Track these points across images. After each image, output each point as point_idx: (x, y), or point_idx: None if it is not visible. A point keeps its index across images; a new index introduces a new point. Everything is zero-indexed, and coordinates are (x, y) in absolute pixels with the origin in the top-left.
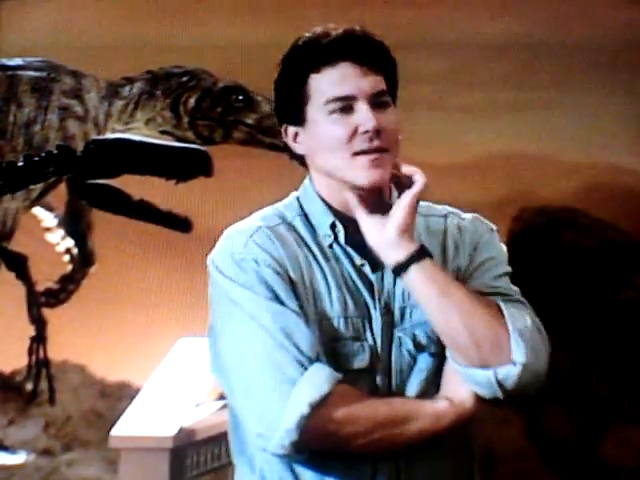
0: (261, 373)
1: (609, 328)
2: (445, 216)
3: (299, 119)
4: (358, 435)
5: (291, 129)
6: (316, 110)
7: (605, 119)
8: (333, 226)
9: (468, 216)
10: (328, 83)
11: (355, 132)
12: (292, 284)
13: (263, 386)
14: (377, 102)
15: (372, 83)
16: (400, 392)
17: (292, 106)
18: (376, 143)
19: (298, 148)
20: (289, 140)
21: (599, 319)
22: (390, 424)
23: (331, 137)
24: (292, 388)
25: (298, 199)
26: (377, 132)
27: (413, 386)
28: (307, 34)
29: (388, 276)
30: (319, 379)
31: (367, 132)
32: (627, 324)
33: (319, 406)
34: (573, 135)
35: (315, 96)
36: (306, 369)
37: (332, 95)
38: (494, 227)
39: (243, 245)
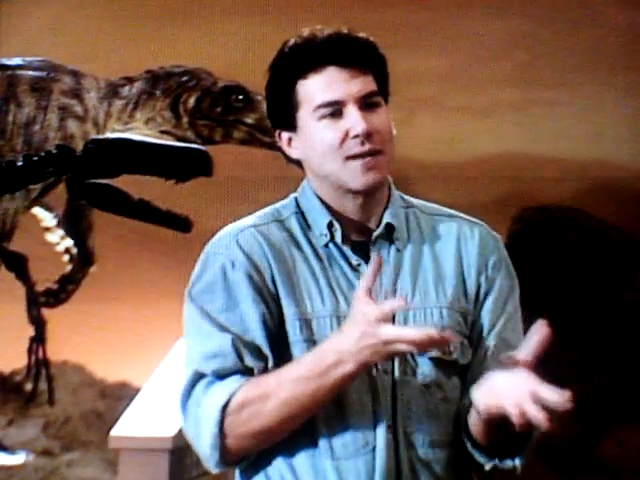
0: (192, 383)
1: (610, 328)
2: (452, 217)
3: (291, 125)
4: (267, 417)
5: (285, 134)
6: (306, 116)
7: (607, 119)
8: (330, 225)
9: (475, 226)
10: (316, 89)
11: (346, 136)
12: (268, 287)
13: (195, 401)
14: (367, 103)
15: (360, 85)
16: (404, 392)
17: (283, 112)
18: (368, 146)
19: (293, 153)
20: (284, 145)
21: (600, 319)
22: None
23: (323, 142)
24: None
25: (296, 199)
26: (368, 135)
27: (416, 389)
28: (293, 39)
29: (387, 277)
30: (223, 389)
31: (358, 136)
32: (628, 325)
33: (227, 409)
34: (574, 135)
35: (304, 102)
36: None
37: (320, 101)
38: (498, 236)
39: (225, 246)
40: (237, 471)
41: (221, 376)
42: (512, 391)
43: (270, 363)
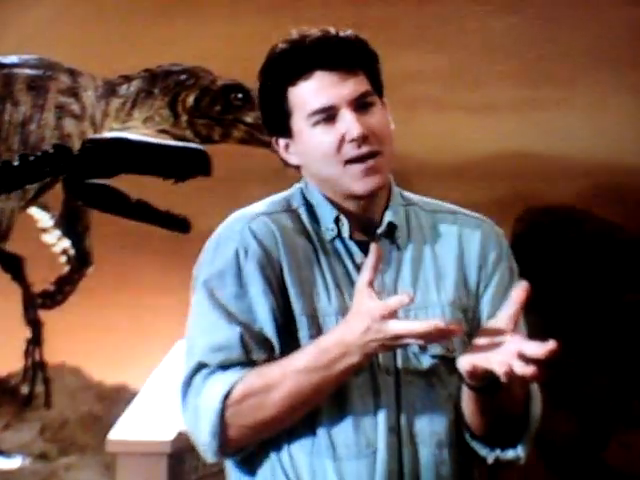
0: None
1: (614, 330)
2: (454, 214)
3: (286, 132)
4: (269, 408)
5: (281, 141)
6: (300, 123)
7: (611, 118)
8: (337, 220)
9: (477, 222)
10: (306, 96)
11: (343, 140)
12: (278, 278)
13: (195, 390)
14: (361, 104)
15: (352, 88)
16: (407, 392)
17: (277, 120)
18: (365, 149)
19: (291, 159)
20: (281, 151)
21: (604, 321)
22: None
23: (320, 149)
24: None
25: (302, 191)
26: (364, 137)
27: (420, 388)
28: (280, 44)
29: (389, 275)
30: (225, 379)
31: (354, 140)
32: (632, 326)
33: (229, 400)
34: (578, 135)
35: (297, 109)
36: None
37: (312, 108)
38: (500, 231)
39: (238, 232)
40: (231, 464)
41: (224, 367)
42: (498, 351)
43: (276, 355)
